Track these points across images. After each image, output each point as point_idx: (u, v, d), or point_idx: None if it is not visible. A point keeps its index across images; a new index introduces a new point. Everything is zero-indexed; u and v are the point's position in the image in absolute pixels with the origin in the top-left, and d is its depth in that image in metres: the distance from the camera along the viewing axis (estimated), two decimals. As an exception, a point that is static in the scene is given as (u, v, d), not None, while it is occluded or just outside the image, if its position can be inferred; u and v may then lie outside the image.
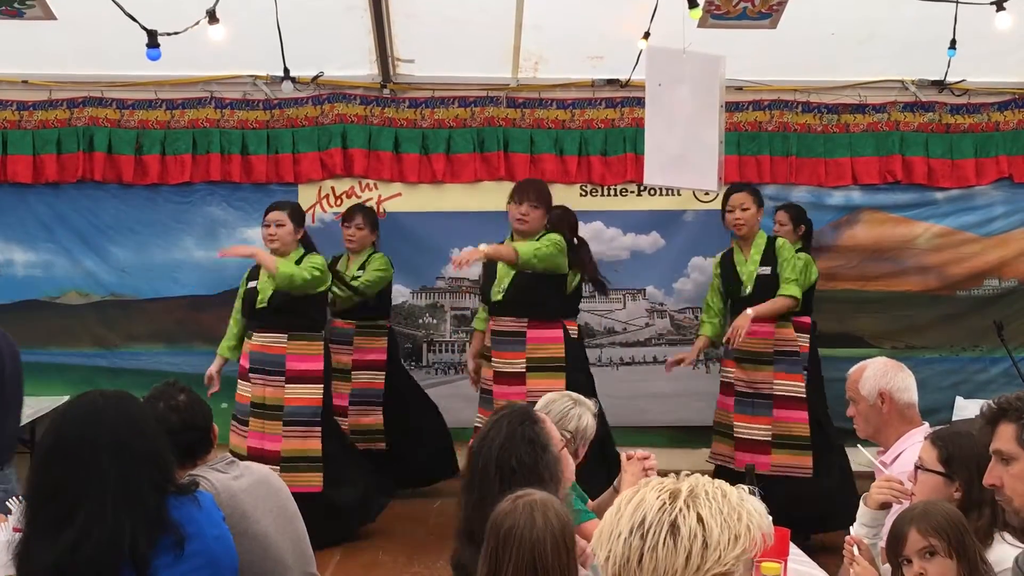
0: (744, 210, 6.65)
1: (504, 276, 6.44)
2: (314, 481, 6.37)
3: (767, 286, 6.60)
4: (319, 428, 6.48)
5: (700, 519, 1.91)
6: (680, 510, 1.92)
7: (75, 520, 2.67)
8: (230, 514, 3.15)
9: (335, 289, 6.92)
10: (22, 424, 6.86)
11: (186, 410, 3.46)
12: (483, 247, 6.23)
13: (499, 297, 6.44)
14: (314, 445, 6.43)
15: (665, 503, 1.93)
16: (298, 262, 6.47)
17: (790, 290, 6.54)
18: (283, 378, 6.40)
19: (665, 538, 1.90)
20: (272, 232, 6.52)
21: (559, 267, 6.44)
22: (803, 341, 6.78)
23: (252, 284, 6.63)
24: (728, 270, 6.80)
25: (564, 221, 6.76)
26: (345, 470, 6.57)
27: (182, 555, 2.76)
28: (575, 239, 6.84)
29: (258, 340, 6.47)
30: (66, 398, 7.13)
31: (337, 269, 7.12)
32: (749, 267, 6.68)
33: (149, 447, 2.85)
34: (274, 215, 6.58)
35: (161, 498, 2.80)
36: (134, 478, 2.75)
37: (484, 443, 3.12)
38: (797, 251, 6.89)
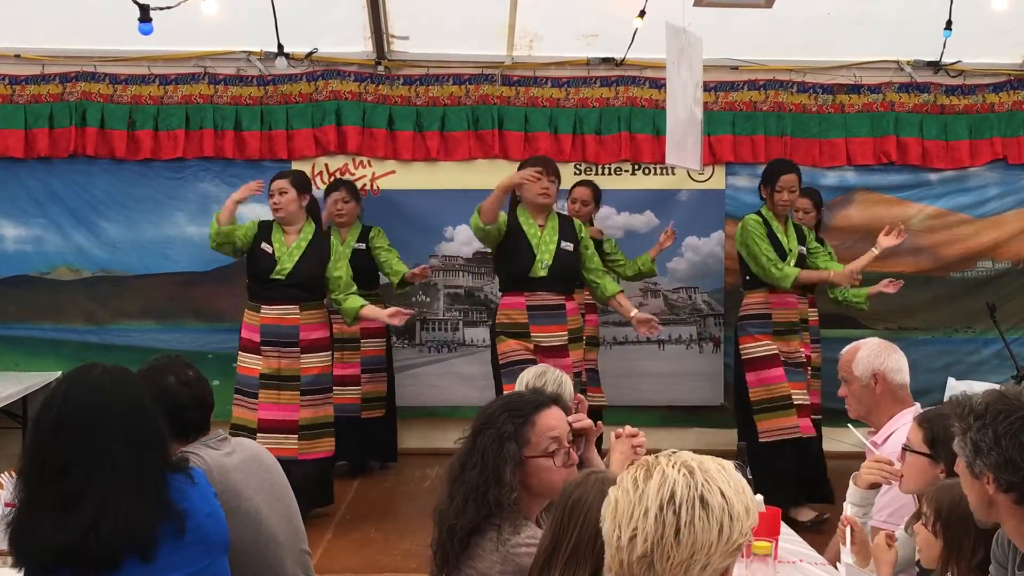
0: (792, 192, 6.76)
1: (546, 253, 6.40)
2: (328, 445, 6.52)
3: (802, 264, 6.77)
4: (331, 395, 6.58)
5: (722, 493, 1.96)
6: (704, 484, 1.96)
7: (86, 500, 2.65)
8: (222, 491, 3.15)
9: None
10: (14, 400, 6.89)
11: (196, 385, 3.44)
12: (635, 312, 6.47)
13: (543, 273, 6.37)
14: (328, 411, 6.53)
15: (688, 478, 1.97)
16: (315, 244, 6.52)
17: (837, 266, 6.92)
18: (298, 349, 6.40)
19: (699, 512, 1.94)
20: (276, 201, 6.44)
21: None
22: (813, 315, 7.21)
23: (266, 247, 6.47)
24: (771, 236, 6.77)
25: None
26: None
27: (183, 537, 2.76)
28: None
29: (272, 313, 6.39)
30: (58, 374, 7.11)
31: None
32: (791, 243, 6.77)
33: (153, 427, 2.84)
34: (277, 183, 6.50)
35: (163, 478, 2.80)
36: (141, 458, 2.75)
37: (479, 416, 3.15)
38: (816, 239, 7.18)
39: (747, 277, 6.79)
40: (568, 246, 6.43)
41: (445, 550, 3.02)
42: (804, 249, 6.83)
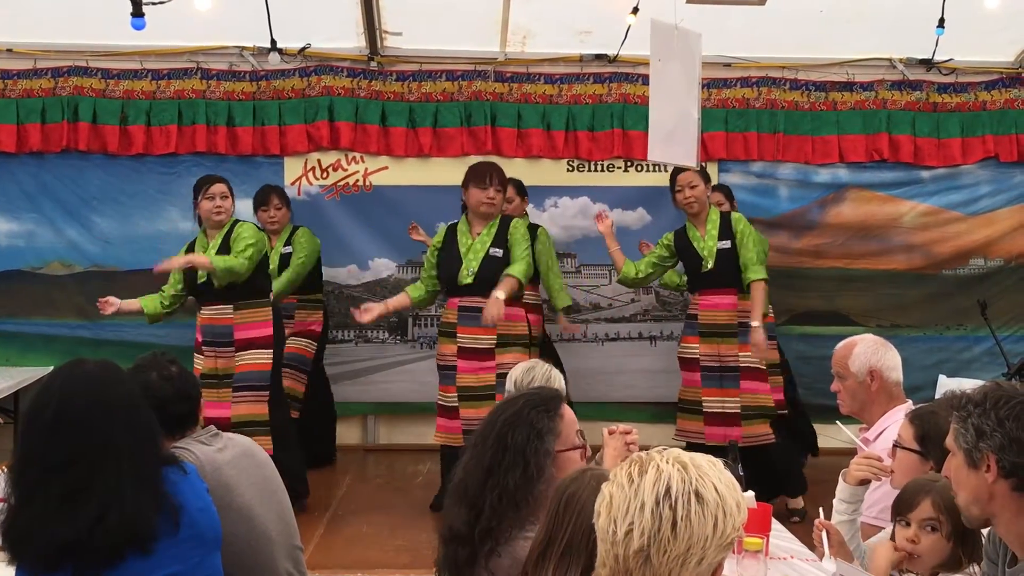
0: (693, 188, 6.66)
1: (472, 260, 6.48)
2: (263, 445, 6.34)
3: (728, 260, 6.64)
4: (267, 393, 6.44)
5: (715, 488, 1.99)
6: (698, 479, 1.99)
7: (91, 494, 2.64)
8: (214, 487, 3.14)
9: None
10: (6, 395, 6.88)
11: (179, 380, 3.45)
12: (500, 295, 6.27)
13: (469, 280, 6.48)
14: (262, 410, 6.40)
15: (682, 473, 1.99)
16: (228, 234, 6.44)
17: (759, 273, 6.59)
18: (233, 348, 6.38)
19: (695, 506, 1.96)
20: (219, 205, 6.42)
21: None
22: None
23: None
24: (685, 248, 6.77)
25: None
26: (289, 438, 6.59)
27: (179, 532, 2.76)
28: None
29: (207, 313, 6.43)
30: (50, 369, 7.10)
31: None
32: (708, 243, 6.68)
33: (147, 419, 2.84)
34: (219, 187, 6.45)
35: (159, 471, 2.80)
36: (141, 451, 2.75)
37: (498, 411, 3.16)
38: None
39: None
40: (497, 252, 6.49)
41: (474, 554, 2.94)
42: (728, 243, 6.68)
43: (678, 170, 6.69)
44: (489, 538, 2.92)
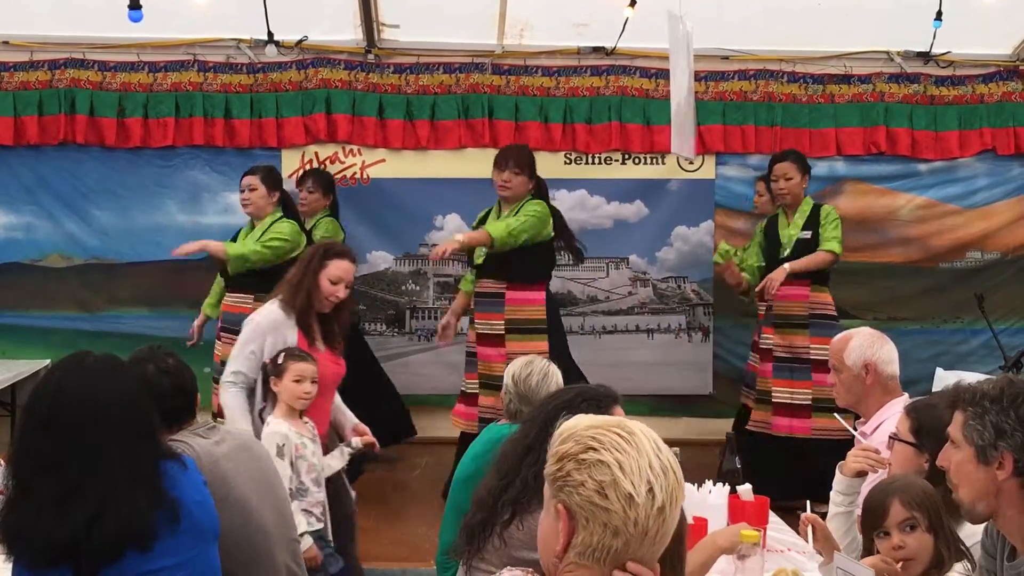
0: (788, 179, 6.75)
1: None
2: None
3: (805, 250, 6.67)
4: None
5: None
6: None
7: (86, 494, 2.65)
8: (211, 480, 3.14)
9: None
10: (2, 388, 6.88)
11: (175, 373, 3.45)
12: (459, 237, 6.37)
13: (479, 260, 6.50)
14: None
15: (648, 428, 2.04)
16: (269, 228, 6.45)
17: (830, 245, 6.63)
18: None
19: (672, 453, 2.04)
20: (245, 197, 6.42)
21: (543, 235, 6.47)
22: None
23: None
24: (771, 235, 6.86)
25: (540, 189, 6.71)
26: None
27: (179, 527, 2.76)
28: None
29: (229, 301, 6.44)
30: (47, 362, 7.11)
31: None
32: (791, 231, 6.76)
33: (145, 416, 2.84)
34: (246, 180, 6.45)
35: (156, 468, 2.79)
36: (135, 450, 2.74)
37: (552, 398, 3.31)
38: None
39: None
40: None
41: (489, 521, 3.05)
42: (810, 233, 6.70)
43: (776, 159, 6.84)
44: (510, 508, 3.02)
